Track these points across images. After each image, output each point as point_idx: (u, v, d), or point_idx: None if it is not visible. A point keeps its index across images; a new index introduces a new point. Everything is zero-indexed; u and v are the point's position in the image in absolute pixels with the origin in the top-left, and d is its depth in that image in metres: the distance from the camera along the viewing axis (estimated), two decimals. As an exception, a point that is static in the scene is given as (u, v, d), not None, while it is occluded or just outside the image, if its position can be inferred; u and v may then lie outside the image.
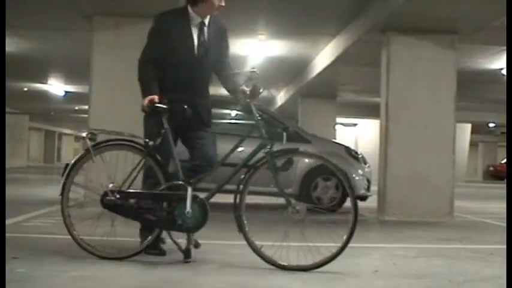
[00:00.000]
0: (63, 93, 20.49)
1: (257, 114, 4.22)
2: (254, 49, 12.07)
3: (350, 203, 4.13)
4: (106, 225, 4.25)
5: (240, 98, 4.38)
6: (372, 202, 8.85)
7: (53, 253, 4.40)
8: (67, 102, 23.60)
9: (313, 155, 4.75)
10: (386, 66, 8.77)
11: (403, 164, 8.57)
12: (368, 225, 7.71)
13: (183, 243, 4.20)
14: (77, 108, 26.75)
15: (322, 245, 4.21)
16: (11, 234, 5.13)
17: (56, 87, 19.47)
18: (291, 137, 4.77)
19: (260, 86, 4.27)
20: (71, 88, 19.49)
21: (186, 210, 4.10)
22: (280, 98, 20.45)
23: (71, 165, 4.29)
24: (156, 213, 4.19)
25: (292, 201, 4.14)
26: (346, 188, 4.21)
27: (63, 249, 4.48)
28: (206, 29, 4.45)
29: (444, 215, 8.46)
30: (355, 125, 27.75)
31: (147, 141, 4.27)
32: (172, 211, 4.15)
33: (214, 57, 4.50)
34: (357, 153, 9.54)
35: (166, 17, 4.47)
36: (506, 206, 8.00)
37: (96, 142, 4.27)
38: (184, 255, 4.17)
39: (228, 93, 4.60)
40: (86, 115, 8.76)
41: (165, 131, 4.24)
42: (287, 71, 15.51)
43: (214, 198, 4.28)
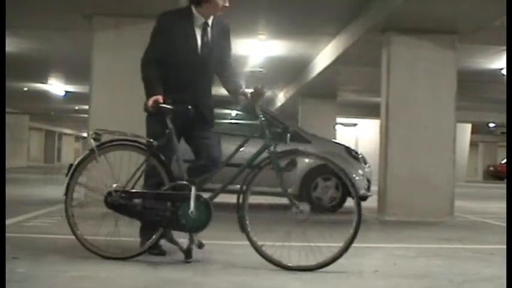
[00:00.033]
0: (63, 93, 20.47)
1: (261, 115, 4.22)
2: (254, 49, 12.06)
3: (353, 203, 4.15)
4: (110, 225, 4.25)
5: (240, 99, 4.38)
6: (372, 202, 8.84)
7: (53, 253, 4.40)
8: (67, 102, 23.58)
9: (317, 156, 4.76)
10: (386, 66, 8.77)
11: (403, 164, 8.57)
12: (368, 225, 7.69)
13: (184, 243, 4.20)
14: (77, 108, 26.73)
15: (325, 245, 4.21)
16: (11, 234, 5.13)
17: (56, 87, 19.45)
18: (291, 137, 4.77)
19: (265, 86, 4.27)
20: (71, 88, 19.48)
21: (189, 210, 4.10)
22: (281, 98, 20.45)
23: (75, 165, 4.29)
24: (160, 213, 4.18)
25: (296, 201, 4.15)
26: (350, 188, 4.24)
27: (63, 249, 4.48)
28: (209, 29, 4.44)
29: (444, 215, 8.45)
30: (355, 125, 27.75)
31: (151, 141, 4.26)
32: (176, 211, 4.14)
33: (217, 58, 4.50)
34: (357, 153, 9.54)
35: (169, 17, 4.46)
36: (506, 206, 8.00)
37: (100, 142, 4.27)
38: (185, 255, 4.16)
39: (228, 93, 4.59)
40: (86, 115, 8.76)
41: (170, 132, 4.24)
42: (287, 71, 15.50)
43: (217, 198, 4.27)
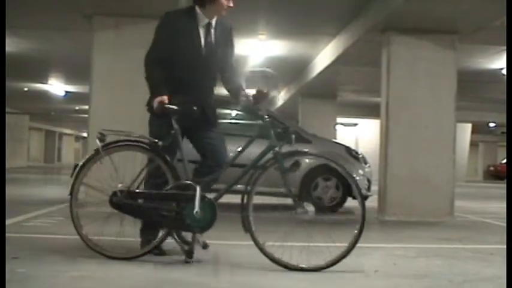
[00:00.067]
0: (63, 93, 20.48)
1: (266, 116, 4.21)
2: (254, 49, 12.05)
3: (358, 203, 4.19)
4: (115, 225, 4.25)
5: (241, 100, 4.38)
6: (372, 202, 8.84)
7: (53, 253, 4.40)
8: (67, 102, 23.58)
9: (321, 157, 4.77)
10: (386, 66, 8.77)
11: (403, 164, 8.57)
12: (368, 225, 7.59)
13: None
14: (77, 108, 26.73)
15: (326, 246, 4.21)
16: (11, 234, 5.13)
17: (56, 87, 19.45)
18: (291, 138, 4.78)
19: (278, 88, 4.26)
20: (71, 88, 19.48)
21: (194, 210, 4.09)
22: (281, 98, 20.45)
23: (80, 165, 4.29)
24: (164, 213, 4.18)
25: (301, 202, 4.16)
26: (355, 189, 4.28)
27: (63, 249, 4.48)
28: (213, 29, 4.43)
29: (444, 215, 8.45)
30: (355, 125, 27.75)
31: (156, 141, 4.25)
32: (181, 211, 4.14)
33: (220, 58, 4.49)
34: (357, 153, 9.55)
35: (173, 16, 4.46)
36: (507, 206, 8.00)
37: (106, 143, 4.27)
38: (186, 255, 4.16)
39: (228, 93, 4.58)
40: (86, 115, 8.76)
41: (175, 132, 4.23)
42: (287, 71, 15.49)
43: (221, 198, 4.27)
